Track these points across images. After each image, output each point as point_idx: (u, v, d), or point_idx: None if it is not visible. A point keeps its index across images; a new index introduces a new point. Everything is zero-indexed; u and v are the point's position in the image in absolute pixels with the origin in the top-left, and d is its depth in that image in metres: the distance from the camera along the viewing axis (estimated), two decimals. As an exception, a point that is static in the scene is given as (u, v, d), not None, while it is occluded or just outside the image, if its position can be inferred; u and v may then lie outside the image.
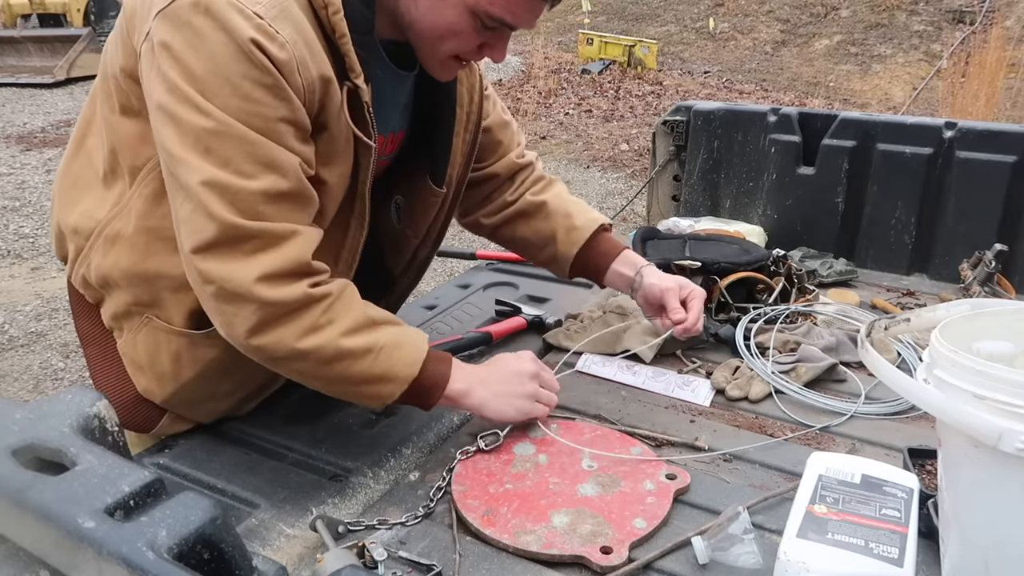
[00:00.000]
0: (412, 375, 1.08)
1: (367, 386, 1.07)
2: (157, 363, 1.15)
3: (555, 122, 7.89)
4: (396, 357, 1.07)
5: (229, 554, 0.54)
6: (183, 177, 0.98)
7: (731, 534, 0.94)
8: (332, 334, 1.02)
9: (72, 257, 1.19)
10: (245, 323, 1.00)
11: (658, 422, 1.28)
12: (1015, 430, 0.71)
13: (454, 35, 1.07)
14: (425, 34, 1.08)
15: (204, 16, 0.93)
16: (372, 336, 1.06)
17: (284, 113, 0.98)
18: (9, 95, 8.65)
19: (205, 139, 0.95)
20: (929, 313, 0.93)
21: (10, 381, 3.21)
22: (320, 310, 1.02)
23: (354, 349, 1.04)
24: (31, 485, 0.55)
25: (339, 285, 1.06)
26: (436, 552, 0.97)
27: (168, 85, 0.96)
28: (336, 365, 1.04)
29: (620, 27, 10.78)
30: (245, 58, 0.94)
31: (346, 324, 1.04)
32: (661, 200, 2.47)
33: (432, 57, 1.12)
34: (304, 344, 1.01)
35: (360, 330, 1.05)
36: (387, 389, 1.08)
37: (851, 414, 1.28)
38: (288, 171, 0.99)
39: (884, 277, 2.02)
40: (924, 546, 0.92)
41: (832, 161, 2.08)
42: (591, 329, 1.55)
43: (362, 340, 1.04)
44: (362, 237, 1.19)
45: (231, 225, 0.96)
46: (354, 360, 1.04)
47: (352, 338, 1.04)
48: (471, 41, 1.08)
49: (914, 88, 8.56)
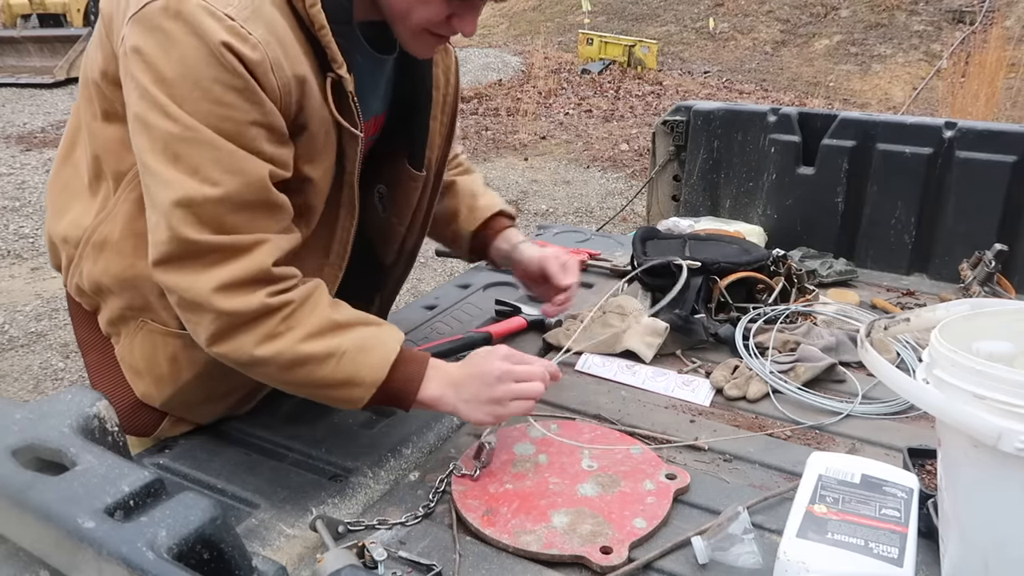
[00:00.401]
0: (379, 379, 1.05)
1: (333, 390, 1.06)
2: (155, 366, 1.15)
3: (555, 122, 7.89)
4: (361, 361, 1.05)
5: (229, 554, 0.54)
6: (152, 189, 0.98)
7: (731, 534, 0.94)
8: (290, 341, 1.01)
9: (65, 266, 1.19)
10: (205, 331, 1.01)
11: (658, 422, 1.28)
12: (1014, 430, 0.71)
13: (422, 3, 1.05)
14: (393, 6, 1.07)
15: (174, 20, 0.92)
16: (335, 340, 1.04)
17: (256, 117, 0.97)
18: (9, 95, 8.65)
19: (174, 145, 0.95)
20: (929, 313, 0.93)
21: (10, 381, 3.21)
22: (279, 318, 1.01)
23: (314, 354, 1.02)
24: (31, 485, 0.55)
25: (304, 291, 1.04)
26: (436, 552, 0.97)
27: (140, 91, 0.95)
28: (297, 370, 1.03)
29: (620, 27, 10.78)
30: (216, 62, 0.93)
31: (306, 330, 1.02)
32: (661, 200, 2.47)
33: (404, 31, 1.09)
34: (262, 351, 1.01)
35: (322, 335, 1.03)
36: (355, 393, 1.05)
37: (849, 413, 1.28)
38: (256, 179, 0.98)
39: (884, 277, 2.02)
40: (924, 546, 0.92)
41: (832, 161, 2.08)
42: (591, 329, 1.55)
43: (323, 345, 1.03)
44: (352, 227, 1.18)
45: (191, 241, 0.96)
46: (316, 365, 1.03)
47: (311, 343, 1.02)
48: (439, 10, 1.05)
49: (914, 88, 8.56)
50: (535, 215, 5.36)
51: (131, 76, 0.96)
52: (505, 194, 5.82)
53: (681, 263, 1.60)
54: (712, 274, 1.61)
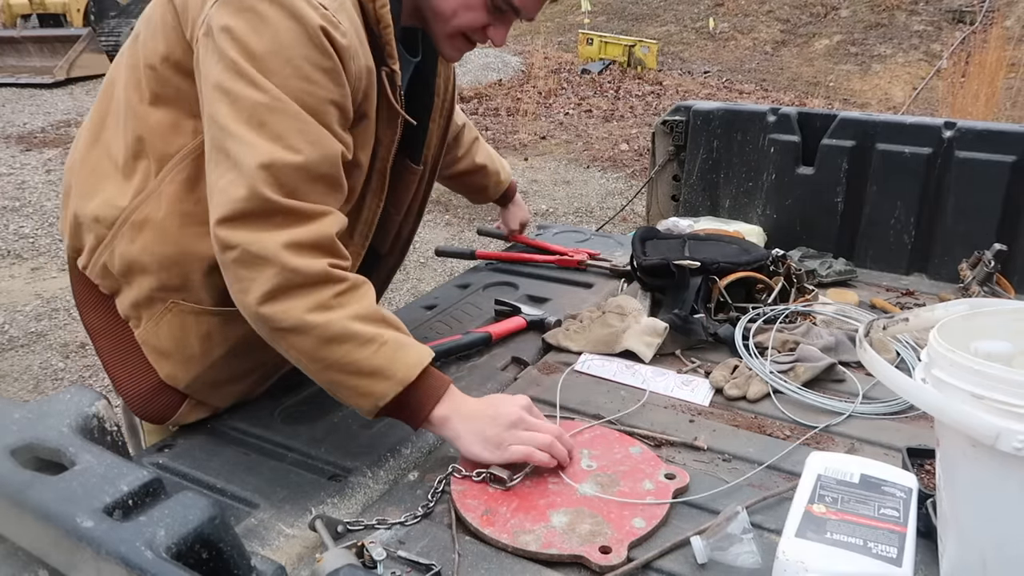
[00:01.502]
0: (409, 378, 1.06)
1: (362, 379, 1.06)
2: (186, 346, 1.18)
3: (555, 122, 7.89)
4: (399, 355, 1.07)
5: (228, 553, 0.54)
6: (234, 151, 1.02)
7: (730, 534, 0.94)
8: (342, 315, 1.04)
9: (92, 246, 1.20)
10: (262, 287, 1.02)
11: (657, 422, 1.28)
12: (1013, 429, 0.71)
13: (467, 9, 1.18)
14: (438, 7, 1.18)
15: (270, 3, 1.01)
16: (380, 329, 1.06)
17: (336, 97, 1.06)
18: (9, 95, 8.65)
19: (260, 113, 1.01)
20: (928, 313, 0.93)
21: (10, 381, 3.22)
22: (334, 291, 1.04)
23: (360, 333, 1.04)
24: (30, 485, 0.55)
25: (358, 278, 1.09)
26: (435, 552, 0.97)
27: (226, 63, 1.02)
28: (337, 347, 1.04)
29: (620, 27, 10.78)
30: (311, 43, 1.02)
31: (357, 310, 1.05)
32: (661, 200, 2.47)
33: (442, 33, 1.21)
34: (312, 317, 1.02)
35: (370, 320, 1.06)
36: (380, 387, 1.06)
37: (849, 413, 1.28)
38: (331, 154, 1.06)
39: (883, 277, 2.02)
40: (923, 546, 0.92)
41: (831, 161, 2.08)
42: (591, 329, 1.55)
43: (370, 329, 1.05)
44: (378, 210, 1.28)
45: (269, 200, 1.01)
46: (357, 345, 1.04)
47: (360, 324, 1.04)
48: (480, 18, 1.19)
49: (914, 88, 8.56)
50: (535, 215, 5.36)
51: (216, 52, 1.03)
52: (505, 194, 5.81)
53: (681, 263, 1.60)
54: (711, 274, 1.62)
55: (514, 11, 1.20)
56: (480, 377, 1.41)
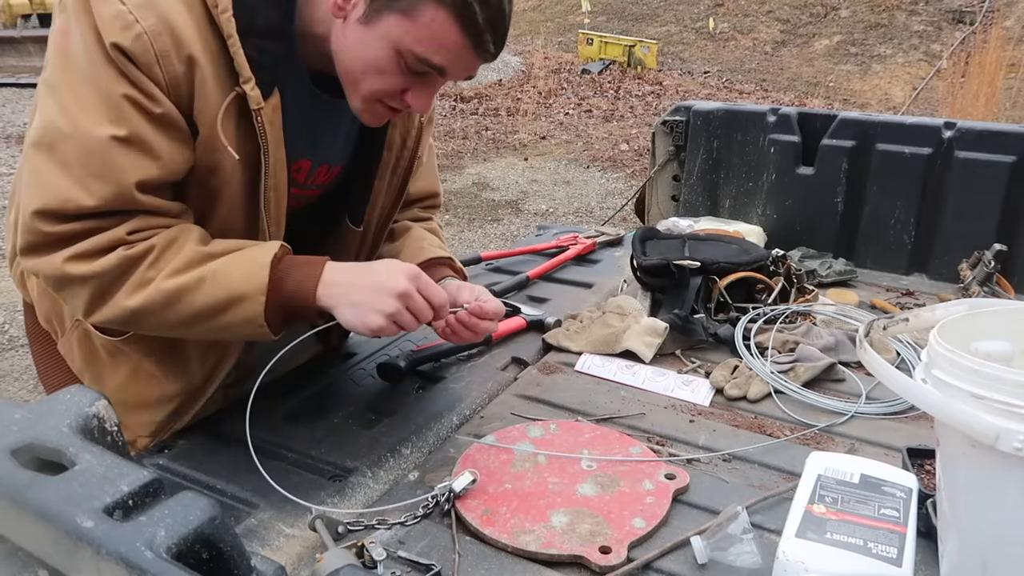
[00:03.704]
0: (261, 286, 1.01)
1: (224, 315, 1.02)
2: (94, 365, 1.16)
3: (555, 122, 7.90)
4: (235, 275, 1.01)
5: (228, 554, 0.54)
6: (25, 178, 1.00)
7: (730, 534, 0.94)
8: (159, 280, 1.00)
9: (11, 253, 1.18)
10: (81, 301, 1.01)
11: (658, 422, 1.28)
12: (1013, 429, 0.71)
13: (377, 73, 1.03)
14: (348, 67, 1.05)
15: None
16: (205, 267, 1.01)
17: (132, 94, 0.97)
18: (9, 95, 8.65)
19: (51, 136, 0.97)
20: (928, 313, 0.93)
21: (10, 381, 3.21)
22: (144, 265, 1.00)
23: (185, 285, 1.00)
24: (30, 485, 0.55)
25: (167, 234, 1.02)
26: (435, 552, 0.97)
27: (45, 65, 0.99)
28: (177, 307, 1.01)
29: (620, 27, 10.78)
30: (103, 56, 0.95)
31: (174, 266, 1.00)
32: (660, 200, 2.47)
33: (355, 95, 1.07)
34: (134, 302, 1.00)
35: (189, 267, 1.01)
36: (247, 309, 1.02)
37: (851, 414, 1.28)
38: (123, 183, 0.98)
39: (883, 277, 2.02)
40: (923, 546, 0.92)
41: (831, 161, 2.08)
42: (591, 329, 1.55)
43: (192, 275, 1.00)
44: None
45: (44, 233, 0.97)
46: (190, 295, 1.00)
47: (178, 277, 1.00)
48: (395, 83, 1.04)
49: (914, 88, 8.56)
50: (535, 215, 5.36)
51: None
52: (505, 194, 5.82)
53: (680, 263, 1.60)
54: (711, 274, 1.62)
55: (438, 72, 1.03)
56: (480, 377, 1.41)
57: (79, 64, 0.95)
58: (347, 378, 1.42)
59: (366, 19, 1.00)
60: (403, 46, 1.00)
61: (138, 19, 0.93)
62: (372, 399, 1.34)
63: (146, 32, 0.94)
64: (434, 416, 1.27)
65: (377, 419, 1.27)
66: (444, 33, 0.99)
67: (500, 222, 5.25)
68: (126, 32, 0.93)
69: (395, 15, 0.98)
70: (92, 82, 0.95)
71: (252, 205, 1.10)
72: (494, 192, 5.90)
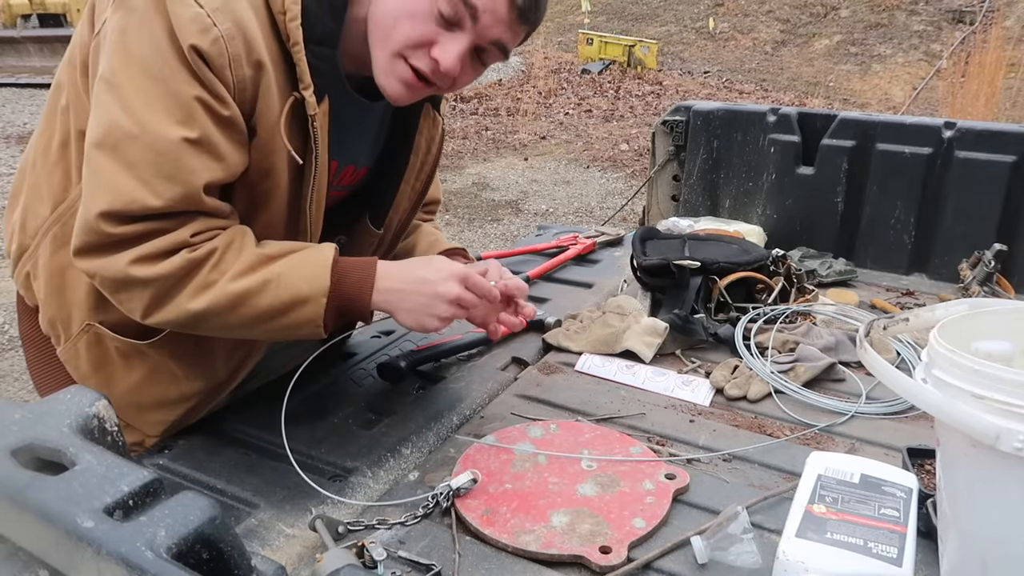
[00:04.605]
0: (323, 288, 1.05)
1: (285, 317, 1.05)
2: (105, 369, 1.15)
3: (555, 122, 7.90)
4: (299, 278, 1.04)
5: (228, 554, 0.54)
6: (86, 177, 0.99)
7: (730, 534, 0.94)
8: (224, 282, 1.01)
9: (16, 255, 1.19)
10: (139, 304, 1.01)
11: (658, 422, 1.28)
12: (1013, 429, 0.71)
13: (409, 17, 1.02)
14: (379, 23, 1.04)
15: None
16: (267, 270, 1.03)
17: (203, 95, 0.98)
18: (9, 95, 8.66)
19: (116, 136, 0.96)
20: (928, 313, 0.93)
21: (10, 381, 3.21)
22: (207, 267, 1.01)
23: (249, 288, 1.02)
24: (30, 485, 0.55)
25: (227, 236, 1.03)
26: (435, 552, 0.97)
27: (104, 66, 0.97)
28: (241, 310, 1.03)
29: (620, 27, 10.78)
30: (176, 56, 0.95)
31: (237, 269, 1.02)
32: (660, 200, 2.47)
33: (382, 55, 1.05)
34: (197, 304, 1.01)
35: (253, 270, 1.03)
36: (307, 311, 1.05)
37: (851, 414, 1.28)
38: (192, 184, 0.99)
39: (883, 277, 2.02)
40: (923, 546, 0.92)
41: (831, 161, 2.08)
42: (591, 329, 1.55)
43: (256, 277, 1.02)
44: None
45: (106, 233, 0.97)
46: (255, 298, 1.02)
47: (243, 280, 1.02)
48: (424, 31, 1.02)
49: (914, 88, 8.56)
50: (535, 215, 5.36)
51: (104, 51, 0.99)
52: (505, 194, 5.82)
53: (680, 263, 1.60)
54: (711, 274, 1.62)
55: (471, 16, 1.02)
56: (480, 377, 1.41)
57: (147, 63, 0.95)
58: (347, 378, 1.42)
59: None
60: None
61: (216, 23, 0.94)
62: (372, 399, 1.34)
63: (223, 36, 0.95)
64: (434, 416, 1.27)
65: (377, 419, 1.27)
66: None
67: (500, 222, 5.25)
68: (204, 35, 0.94)
69: None
70: (161, 82, 0.95)
71: (295, 207, 1.12)
72: (494, 192, 5.90)
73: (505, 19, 1.03)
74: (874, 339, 0.92)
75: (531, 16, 1.06)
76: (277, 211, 1.11)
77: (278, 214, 1.11)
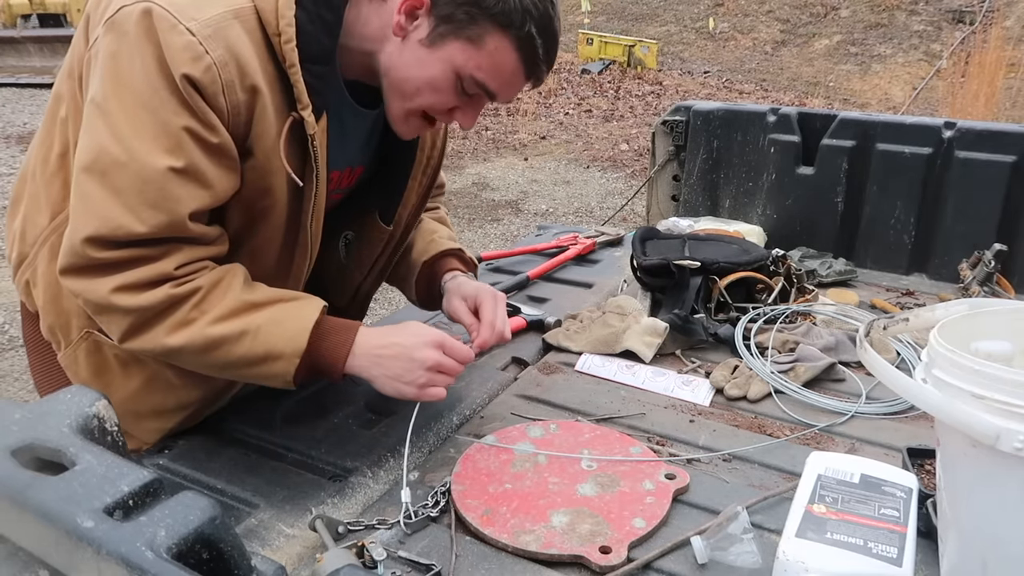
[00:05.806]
0: (299, 349, 1.04)
1: (255, 368, 1.05)
2: (103, 376, 1.16)
3: (555, 122, 7.90)
4: (277, 334, 1.04)
5: (228, 554, 0.54)
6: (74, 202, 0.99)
7: (730, 534, 0.94)
8: (202, 324, 1.01)
9: (16, 262, 1.19)
10: (118, 328, 1.02)
11: (658, 422, 1.28)
12: (1013, 429, 0.71)
13: (433, 91, 1.07)
14: (400, 84, 1.08)
15: None
16: (248, 319, 1.03)
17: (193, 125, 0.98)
18: (9, 95, 8.66)
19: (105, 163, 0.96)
20: (928, 313, 0.93)
21: (10, 381, 3.21)
22: (189, 305, 1.01)
23: (226, 335, 1.02)
24: (30, 485, 0.55)
25: (213, 276, 1.04)
26: (435, 552, 0.97)
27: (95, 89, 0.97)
28: (214, 353, 1.03)
29: (620, 27, 10.78)
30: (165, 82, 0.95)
31: (218, 312, 1.02)
32: (660, 200, 2.47)
33: (400, 108, 1.11)
34: (174, 340, 1.01)
35: (234, 315, 1.03)
36: (277, 367, 1.05)
37: (851, 414, 1.28)
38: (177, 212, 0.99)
39: (883, 277, 2.02)
40: (923, 545, 0.92)
41: (831, 161, 2.08)
42: (591, 329, 1.55)
43: (235, 325, 1.02)
44: (306, 268, 1.19)
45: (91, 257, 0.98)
46: (230, 345, 1.03)
47: (222, 325, 1.02)
48: (447, 101, 1.09)
49: (914, 88, 8.56)
50: (535, 215, 5.36)
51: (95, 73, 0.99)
52: (505, 194, 5.82)
53: (681, 263, 1.60)
54: (712, 274, 1.62)
55: (489, 96, 1.10)
56: (480, 377, 1.41)
57: (137, 91, 0.95)
58: (347, 378, 1.42)
59: (429, 42, 1.05)
60: (464, 71, 1.05)
61: (208, 50, 0.94)
62: (372, 399, 1.34)
63: (215, 63, 0.94)
64: (434, 416, 1.27)
65: (377, 419, 1.27)
66: (505, 62, 1.06)
67: (500, 222, 5.25)
68: (197, 63, 0.94)
69: (460, 41, 1.04)
70: (151, 110, 0.95)
71: (294, 222, 1.12)
72: (494, 192, 5.90)
73: (520, 89, 1.11)
74: (874, 339, 0.92)
75: (543, 81, 1.11)
76: (276, 227, 1.11)
77: (276, 229, 1.11)
